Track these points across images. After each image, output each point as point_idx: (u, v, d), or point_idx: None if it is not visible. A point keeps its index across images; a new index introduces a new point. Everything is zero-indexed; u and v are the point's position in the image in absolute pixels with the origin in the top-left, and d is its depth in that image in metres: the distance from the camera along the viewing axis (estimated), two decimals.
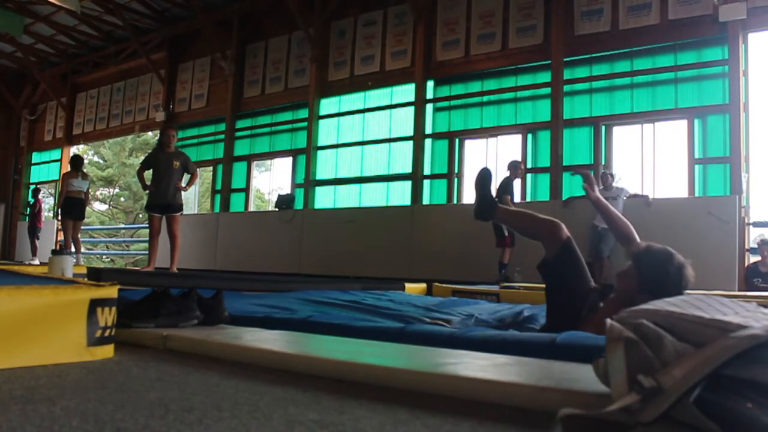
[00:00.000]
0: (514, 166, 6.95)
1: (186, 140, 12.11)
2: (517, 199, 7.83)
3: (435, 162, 8.84)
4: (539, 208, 7.51)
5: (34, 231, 11.27)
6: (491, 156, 8.46)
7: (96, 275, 2.83)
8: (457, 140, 8.67)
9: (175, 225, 6.47)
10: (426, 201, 8.72)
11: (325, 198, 9.84)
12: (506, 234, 6.64)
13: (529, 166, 7.97)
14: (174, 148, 6.59)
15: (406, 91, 9.09)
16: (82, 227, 9.61)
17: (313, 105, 9.89)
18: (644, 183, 7.37)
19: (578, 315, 2.09)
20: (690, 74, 7.00)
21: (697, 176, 6.88)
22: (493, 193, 2.57)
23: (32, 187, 13.44)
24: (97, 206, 23.29)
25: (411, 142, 8.85)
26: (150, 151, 8.02)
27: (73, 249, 9.53)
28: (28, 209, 12.05)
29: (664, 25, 7.07)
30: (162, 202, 6.39)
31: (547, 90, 7.76)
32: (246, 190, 11.04)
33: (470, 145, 8.75)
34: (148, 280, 3.44)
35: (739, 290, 5.94)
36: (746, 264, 6.44)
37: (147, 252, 7.14)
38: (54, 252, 3.09)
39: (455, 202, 8.43)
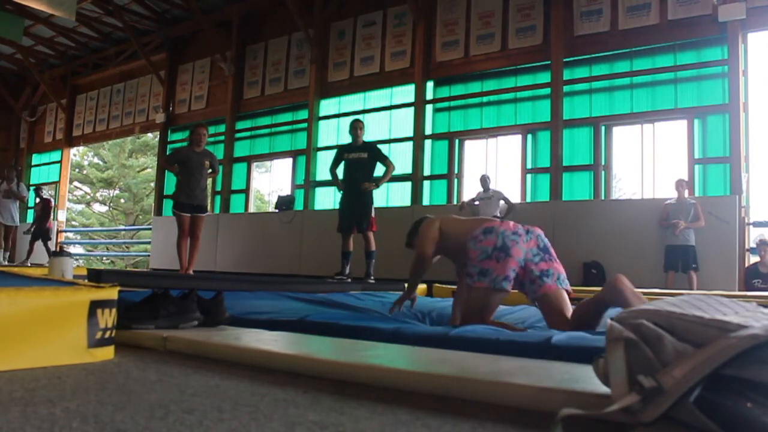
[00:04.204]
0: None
1: (186, 141, 12.11)
2: (516, 199, 7.83)
3: (435, 163, 8.84)
4: (539, 208, 7.57)
5: (40, 234, 10.53)
6: (491, 156, 8.47)
7: (96, 277, 2.83)
8: (456, 141, 8.67)
9: (201, 225, 6.32)
10: (426, 202, 8.71)
11: (325, 199, 9.84)
12: None
13: (529, 166, 7.97)
14: (203, 147, 6.41)
15: (405, 92, 9.09)
16: (82, 229, 9.59)
17: (313, 106, 9.90)
18: (644, 183, 7.38)
19: None
20: (690, 74, 7.00)
21: (697, 176, 6.88)
22: None
23: (32, 188, 13.33)
24: (97, 208, 23.29)
25: (411, 143, 8.85)
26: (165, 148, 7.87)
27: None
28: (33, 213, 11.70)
29: (663, 25, 7.07)
30: (193, 203, 6.25)
31: (547, 90, 7.76)
32: (246, 191, 11.05)
33: (470, 145, 8.75)
34: (148, 281, 3.43)
35: (739, 290, 5.93)
36: (746, 264, 6.44)
37: (147, 254, 7.07)
38: (54, 254, 3.08)
39: (455, 202, 8.42)
